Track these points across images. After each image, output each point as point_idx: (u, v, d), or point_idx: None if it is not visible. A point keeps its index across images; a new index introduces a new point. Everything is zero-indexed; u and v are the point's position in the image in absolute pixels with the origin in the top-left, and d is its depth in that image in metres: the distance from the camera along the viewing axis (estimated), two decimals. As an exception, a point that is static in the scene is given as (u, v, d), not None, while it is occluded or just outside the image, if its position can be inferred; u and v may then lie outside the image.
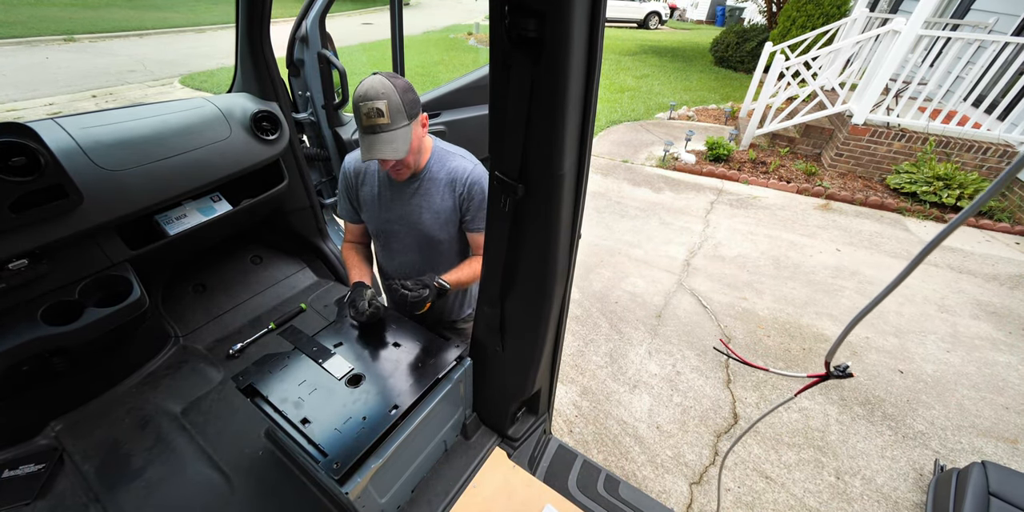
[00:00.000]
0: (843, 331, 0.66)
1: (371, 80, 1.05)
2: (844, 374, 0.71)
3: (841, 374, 0.71)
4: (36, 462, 1.24)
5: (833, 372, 0.71)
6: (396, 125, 1.06)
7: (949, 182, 4.00)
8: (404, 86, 1.07)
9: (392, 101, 1.04)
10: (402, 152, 1.08)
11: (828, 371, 0.72)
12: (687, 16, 20.44)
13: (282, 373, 1.07)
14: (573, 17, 0.57)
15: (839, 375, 0.71)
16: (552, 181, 0.76)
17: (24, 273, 1.14)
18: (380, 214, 1.31)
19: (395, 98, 1.04)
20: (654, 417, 2.11)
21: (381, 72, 1.08)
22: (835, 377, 0.71)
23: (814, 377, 0.75)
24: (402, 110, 1.06)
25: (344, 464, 0.87)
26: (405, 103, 1.06)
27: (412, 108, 1.09)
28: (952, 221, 0.47)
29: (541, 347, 1.09)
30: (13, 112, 5.33)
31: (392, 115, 1.04)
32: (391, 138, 1.06)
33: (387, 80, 1.05)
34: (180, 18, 12.65)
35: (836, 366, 0.71)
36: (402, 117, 1.06)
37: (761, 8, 9.76)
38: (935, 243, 0.49)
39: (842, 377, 0.71)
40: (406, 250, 1.35)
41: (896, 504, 1.78)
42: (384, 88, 1.03)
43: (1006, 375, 2.40)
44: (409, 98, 1.07)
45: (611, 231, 3.68)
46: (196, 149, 1.43)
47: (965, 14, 5.29)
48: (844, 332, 0.66)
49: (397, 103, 1.04)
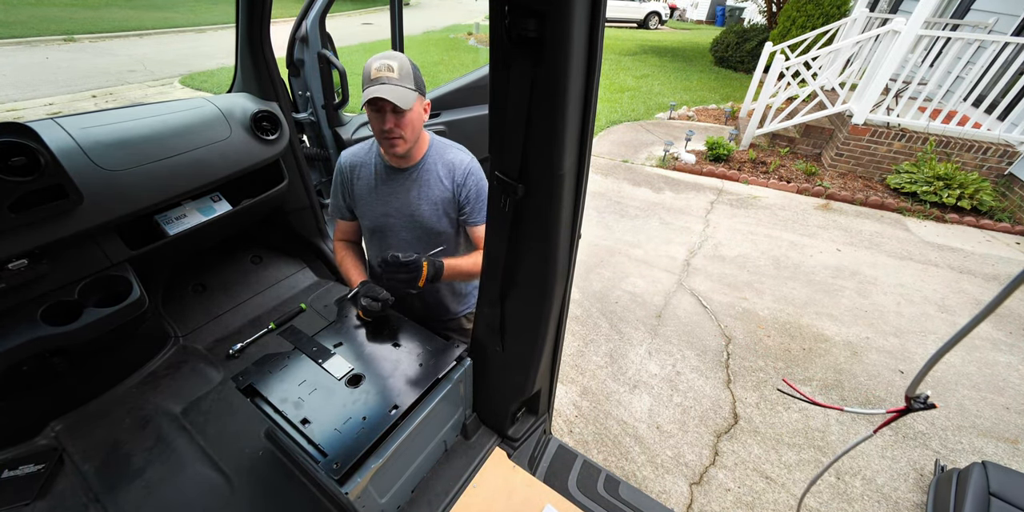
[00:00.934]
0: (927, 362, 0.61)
1: (393, 53, 1.10)
2: (926, 405, 0.66)
3: (923, 406, 0.66)
4: (36, 462, 1.24)
5: (914, 405, 0.68)
6: (403, 83, 1.09)
7: (949, 182, 4.00)
8: (416, 67, 1.13)
9: (403, 64, 1.09)
10: (402, 102, 1.07)
11: (909, 404, 0.68)
12: (687, 16, 20.44)
13: (282, 373, 1.07)
14: (573, 17, 0.57)
15: (921, 407, 0.67)
16: (552, 181, 0.76)
17: (24, 273, 1.14)
18: (376, 208, 1.29)
19: (407, 64, 1.10)
20: (654, 417, 2.11)
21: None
22: (916, 410, 0.67)
23: (894, 412, 0.71)
24: (411, 76, 1.10)
25: (344, 464, 0.87)
26: (414, 74, 1.11)
27: (420, 84, 1.14)
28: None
29: (541, 347, 1.09)
30: (13, 112, 5.33)
31: (401, 74, 1.08)
32: (396, 88, 1.07)
33: (401, 55, 1.10)
34: (180, 18, 12.65)
35: (915, 397, 0.68)
36: (410, 81, 1.10)
37: (761, 8, 9.76)
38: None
39: (924, 409, 0.67)
40: (403, 245, 1.32)
41: (896, 504, 1.78)
42: (398, 56, 1.09)
43: (1006, 375, 2.40)
44: (418, 75, 1.12)
45: (611, 231, 3.68)
46: (196, 149, 1.43)
47: (965, 14, 5.29)
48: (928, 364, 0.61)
49: (407, 68, 1.10)
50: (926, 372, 0.64)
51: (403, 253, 1.12)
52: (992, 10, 4.83)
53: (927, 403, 0.67)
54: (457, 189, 1.24)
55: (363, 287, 1.22)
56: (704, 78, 8.82)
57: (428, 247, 1.30)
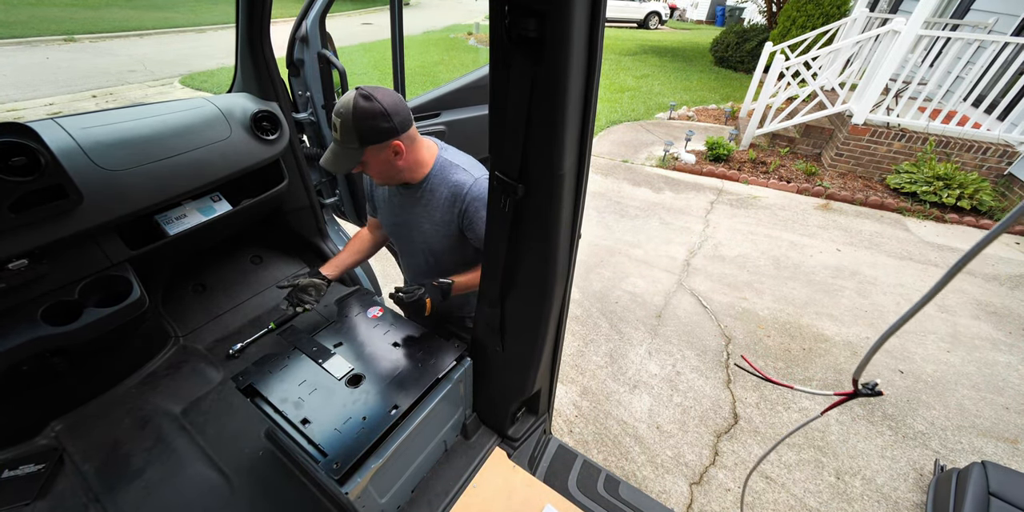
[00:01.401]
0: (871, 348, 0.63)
1: (347, 94, 1.04)
2: (873, 392, 0.67)
3: (870, 392, 0.67)
4: (36, 462, 1.24)
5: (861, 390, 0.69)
6: (344, 144, 1.06)
7: (949, 182, 4.00)
8: (370, 113, 1.02)
9: (344, 122, 1.03)
10: (341, 169, 1.10)
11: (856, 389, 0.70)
12: (687, 16, 20.43)
13: (282, 373, 1.07)
14: (573, 17, 0.57)
15: (867, 393, 0.68)
16: (552, 181, 0.76)
17: (24, 273, 1.14)
18: (389, 217, 1.35)
19: (348, 121, 1.03)
20: (654, 417, 2.11)
21: (363, 88, 1.04)
22: (863, 395, 0.68)
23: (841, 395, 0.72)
24: (353, 134, 1.04)
25: (344, 464, 0.87)
26: (361, 128, 1.03)
27: (371, 135, 1.05)
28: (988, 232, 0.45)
29: (541, 347, 1.09)
30: (13, 112, 5.33)
31: (342, 134, 1.05)
32: (336, 152, 1.09)
33: (355, 100, 1.02)
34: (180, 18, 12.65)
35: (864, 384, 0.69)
36: (352, 140, 1.05)
37: (761, 8, 9.76)
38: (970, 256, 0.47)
39: (871, 395, 0.68)
40: (412, 253, 1.38)
41: (896, 504, 1.78)
42: (344, 108, 1.02)
43: (1006, 375, 2.40)
44: (369, 125, 1.03)
45: (611, 231, 3.68)
46: (196, 149, 1.43)
47: (965, 14, 5.29)
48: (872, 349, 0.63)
49: (348, 126, 1.03)
50: (870, 357, 0.65)
51: (407, 289, 1.17)
52: (992, 10, 4.83)
53: (874, 390, 0.68)
54: (459, 215, 1.22)
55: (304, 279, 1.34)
56: (704, 78, 8.82)
57: (432, 259, 1.33)
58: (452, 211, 1.22)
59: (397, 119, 1.06)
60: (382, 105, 1.03)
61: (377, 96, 1.03)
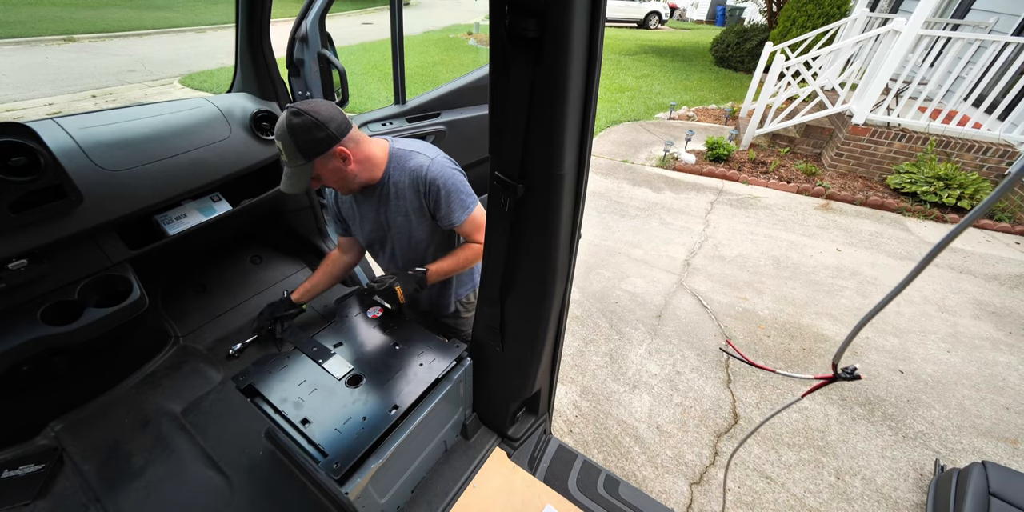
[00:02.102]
0: (850, 333, 0.65)
1: (282, 116, 1.06)
2: (852, 376, 0.70)
3: (848, 376, 0.70)
4: (36, 462, 1.24)
5: (840, 374, 0.70)
6: (292, 163, 1.09)
7: (949, 182, 4.00)
8: (303, 126, 1.03)
9: (286, 144, 1.06)
10: (294, 188, 1.13)
11: (835, 373, 0.71)
12: (687, 16, 20.43)
13: (282, 373, 1.07)
14: (573, 17, 0.57)
15: (846, 377, 0.70)
16: (552, 181, 0.76)
17: (24, 273, 1.14)
18: (362, 226, 1.37)
19: (288, 141, 1.05)
20: (654, 417, 2.11)
21: (292, 106, 1.05)
22: (842, 379, 0.70)
23: (821, 379, 0.74)
24: (296, 151, 1.06)
25: (344, 464, 0.87)
26: (300, 144, 1.05)
27: (312, 146, 1.06)
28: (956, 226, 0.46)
29: (541, 347, 1.09)
30: (13, 112, 5.33)
31: (288, 154, 1.08)
32: (290, 174, 1.11)
33: (287, 119, 1.04)
34: (180, 18, 12.65)
35: (843, 368, 0.70)
36: (297, 157, 1.07)
37: (761, 8, 9.76)
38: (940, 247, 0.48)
39: (849, 379, 0.70)
40: (392, 254, 1.40)
41: (896, 504, 1.78)
42: (280, 130, 1.05)
43: (1006, 375, 2.40)
44: (308, 138, 1.05)
45: (611, 231, 3.68)
46: (196, 149, 1.43)
47: (965, 14, 5.29)
48: (851, 334, 0.65)
49: (291, 146, 1.06)
50: (850, 340, 0.67)
51: (378, 278, 1.24)
52: (992, 10, 4.83)
53: (853, 374, 0.70)
54: (423, 198, 1.23)
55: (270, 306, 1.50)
56: (704, 78, 8.82)
57: (412, 252, 1.36)
58: (418, 196, 1.23)
59: (332, 125, 1.07)
60: (313, 117, 1.05)
61: (307, 109, 1.05)
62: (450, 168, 1.23)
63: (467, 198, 1.23)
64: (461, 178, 1.24)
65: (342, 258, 1.53)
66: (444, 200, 1.21)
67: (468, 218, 1.23)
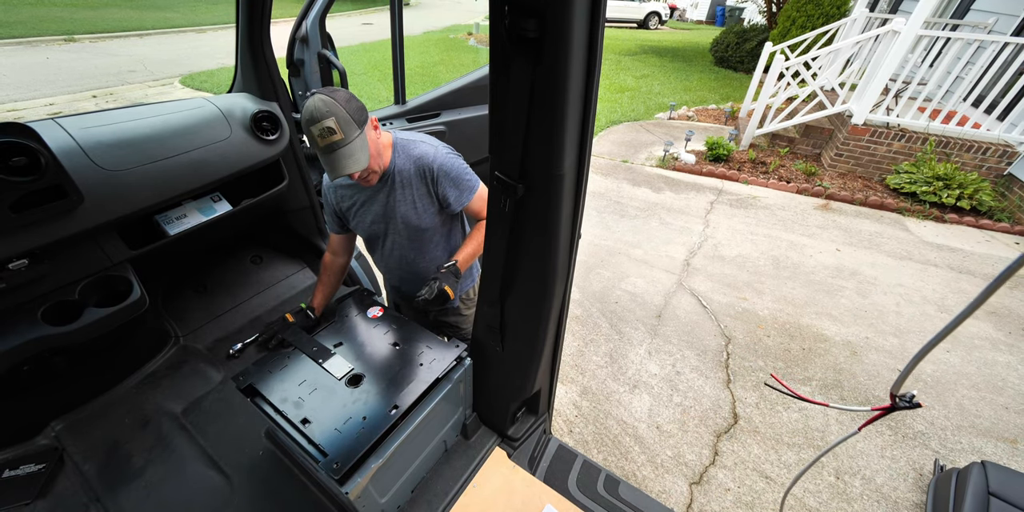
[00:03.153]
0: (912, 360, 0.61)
1: (312, 101, 1.05)
2: (911, 405, 0.65)
3: (908, 405, 0.66)
4: (36, 462, 1.24)
5: (899, 403, 0.67)
6: (350, 137, 1.08)
7: (949, 182, 4.00)
8: (345, 96, 1.08)
9: (340, 116, 1.05)
10: (364, 161, 1.11)
11: (894, 402, 0.68)
12: (687, 16, 20.43)
13: (282, 373, 1.07)
14: (573, 17, 0.57)
15: (906, 406, 0.66)
16: (552, 181, 0.76)
17: (24, 273, 1.14)
18: (364, 219, 1.37)
19: (341, 112, 1.05)
20: (654, 417, 2.11)
21: (318, 89, 1.08)
22: (901, 408, 0.66)
23: (879, 410, 0.71)
24: (351, 121, 1.07)
25: (344, 464, 0.87)
26: (352, 113, 1.07)
27: (360, 115, 1.10)
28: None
29: (541, 347, 1.09)
30: (13, 112, 5.33)
31: (344, 129, 1.06)
32: (350, 151, 1.08)
33: (327, 96, 1.05)
34: (180, 18, 12.65)
35: (901, 396, 0.68)
36: (353, 128, 1.08)
37: (761, 8, 9.76)
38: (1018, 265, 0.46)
39: (909, 408, 0.66)
40: (396, 246, 1.40)
41: (896, 504, 1.78)
42: (327, 105, 1.04)
43: (1006, 375, 2.40)
44: (354, 106, 1.09)
45: (611, 231, 3.68)
46: (196, 149, 1.43)
47: (965, 14, 5.29)
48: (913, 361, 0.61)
49: (345, 116, 1.06)
50: (911, 369, 0.64)
51: (424, 292, 1.20)
52: (992, 10, 4.83)
53: (912, 402, 0.66)
54: (431, 185, 1.27)
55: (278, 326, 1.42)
56: (704, 78, 8.82)
57: (417, 243, 1.37)
58: (425, 184, 1.27)
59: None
60: (342, 90, 1.09)
61: (332, 87, 1.10)
62: (452, 155, 1.29)
63: (471, 179, 1.30)
64: (462, 163, 1.30)
65: (337, 260, 1.53)
66: (453, 185, 1.27)
67: (475, 196, 1.31)
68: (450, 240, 1.44)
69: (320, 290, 1.49)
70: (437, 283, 1.21)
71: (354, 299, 1.35)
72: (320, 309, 1.47)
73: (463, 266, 1.30)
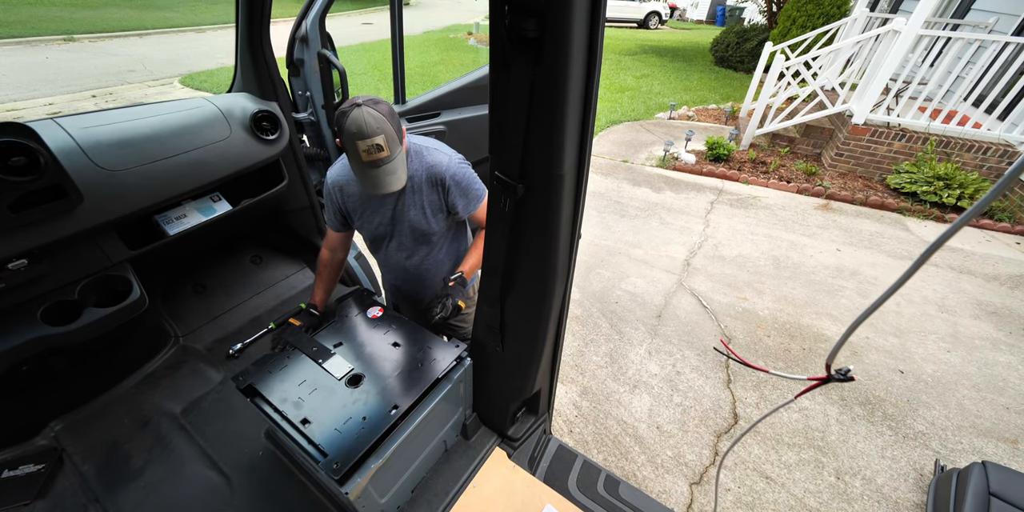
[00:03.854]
0: (844, 334, 0.65)
1: (360, 114, 1.01)
2: (845, 377, 0.70)
3: (842, 377, 0.70)
4: (36, 462, 1.24)
5: (834, 375, 0.71)
6: (395, 155, 1.08)
7: (949, 182, 4.00)
8: (389, 112, 1.07)
9: (388, 133, 1.04)
10: (404, 179, 1.12)
11: (829, 374, 0.71)
12: (687, 16, 20.43)
13: (282, 373, 1.07)
14: (573, 17, 0.57)
15: (840, 378, 0.70)
16: (552, 181, 0.76)
17: (24, 273, 1.14)
18: (371, 220, 1.35)
19: (390, 129, 1.05)
20: (654, 417, 2.11)
21: (361, 99, 1.05)
22: (836, 380, 0.70)
23: (815, 380, 0.74)
24: (397, 138, 1.08)
25: (344, 464, 0.87)
26: (396, 129, 1.08)
27: (400, 131, 1.11)
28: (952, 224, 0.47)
29: (541, 347, 1.09)
30: (13, 112, 5.33)
31: (391, 146, 1.06)
32: (393, 169, 1.08)
33: (375, 112, 1.03)
34: (180, 18, 12.64)
35: (837, 369, 0.71)
36: (397, 145, 1.09)
37: (761, 8, 9.76)
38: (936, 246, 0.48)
39: (843, 380, 0.70)
40: (401, 248, 1.39)
41: (896, 504, 1.78)
42: (377, 122, 1.02)
43: (1006, 375, 2.40)
44: (396, 122, 1.09)
45: (611, 231, 3.68)
46: (196, 149, 1.43)
47: (965, 14, 5.28)
48: (845, 335, 0.65)
49: (392, 134, 1.06)
50: (843, 341, 0.67)
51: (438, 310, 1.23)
52: (992, 10, 4.83)
53: (847, 375, 0.70)
54: (442, 195, 1.28)
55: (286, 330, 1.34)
56: (704, 78, 8.82)
57: (423, 246, 1.38)
58: (435, 191, 1.27)
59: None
60: (384, 102, 1.08)
61: (375, 98, 1.07)
62: (463, 165, 1.30)
63: (480, 188, 1.31)
64: (472, 173, 1.31)
65: (336, 256, 1.52)
66: (462, 194, 1.28)
67: (481, 206, 1.33)
68: (454, 243, 1.45)
69: (320, 286, 1.49)
70: (450, 300, 1.23)
71: (354, 299, 1.35)
72: (322, 305, 1.47)
73: (468, 276, 1.32)
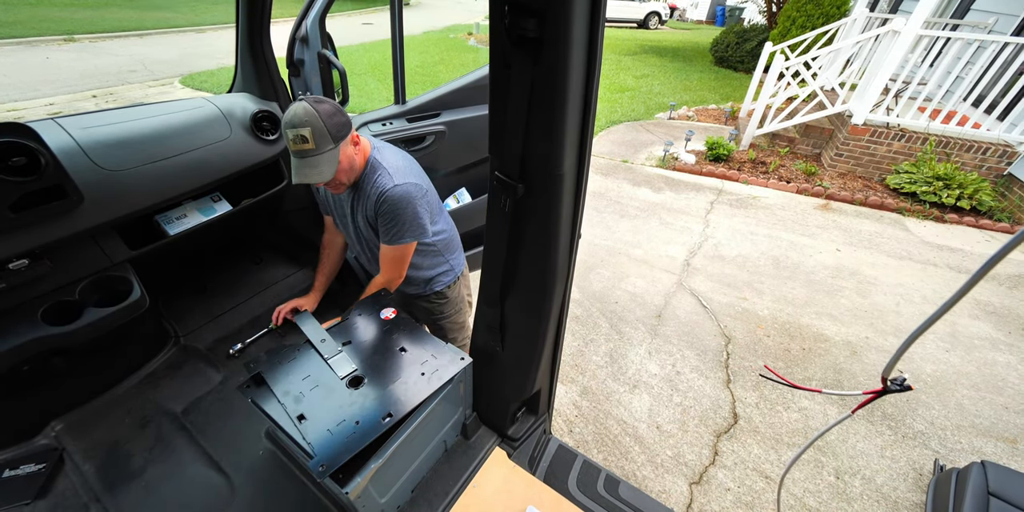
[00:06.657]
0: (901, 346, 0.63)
1: (296, 107, 1.08)
2: (903, 387, 0.67)
3: (900, 388, 0.68)
4: (36, 462, 1.24)
5: (891, 386, 0.69)
6: (321, 149, 1.10)
7: (949, 182, 4.00)
8: (329, 111, 1.10)
9: (316, 127, 1.07)
10: (327, 175, 1.14)
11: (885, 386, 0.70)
12: (687, 16, 20.43)
13: (289, 365, 1.07)
14: (573, 17, 0.57)
15: (897, 389, 0.68)
16: (552, 181, 0.76)
17: (24, 273, 1.14)
18: (334, 212, 1.48)
19: (319, 124, 1.08)
20: (654, 417, 2.11)
21: (310, 97, 1.11)
22: (893, 391, 0.69)
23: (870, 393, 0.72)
24: (327, 135, 1.09)
25: (330, 467, 0.87)
26: (330, 127, 1.09)
27: (339, 131, 1.12)
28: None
29: (541, 347, 1.09)
30: (13, 112, 5.33)
31: (317, 141, 1.09)
32: (316, 162, 1.11)
33: (311, 106, 1.08)
34: (180, 18, 12.64)
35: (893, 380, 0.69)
36: (327, 141, 1.10)
37: (761, 8, 9.76)
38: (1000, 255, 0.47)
39: (900, 391, 0.68)
40: (354, 244, 1.50)
41: (896, 504, 1.78)
42: (308, 115, 1.07)
43: (1005, 375, 2.40)
44: (335, 121, 1.11)
45: (611, 231, 3.68)
46: (196, 149, 1.43)
47: (965, 14, 5.29)
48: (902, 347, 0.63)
49: (321, 129, 1.08)
50: (901, 353, 0.65)
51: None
52: (992, 10, 4.83)
53: (903, 385, 0.68)
54: (375, 216, 1.31)
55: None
56: (704, 78, 8.82)
57: (369, 249, 1.46)
58: (374, 209, 1.30)
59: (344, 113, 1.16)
60: (330, 103, 1.11)
61: (321, 98, 1.12)
62: (407, 198, 1.25)
63: (403, 228, 1.28)
64: (412, 212, 1.27)
65: (337, 239, 1.60)
66: (388, 221, 1.28)
67: (391, 248, 1.32)
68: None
69: (321, 270, 1.59)
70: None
71: (369, 298, 1.34)
72: (323, 288, 1.55)
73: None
